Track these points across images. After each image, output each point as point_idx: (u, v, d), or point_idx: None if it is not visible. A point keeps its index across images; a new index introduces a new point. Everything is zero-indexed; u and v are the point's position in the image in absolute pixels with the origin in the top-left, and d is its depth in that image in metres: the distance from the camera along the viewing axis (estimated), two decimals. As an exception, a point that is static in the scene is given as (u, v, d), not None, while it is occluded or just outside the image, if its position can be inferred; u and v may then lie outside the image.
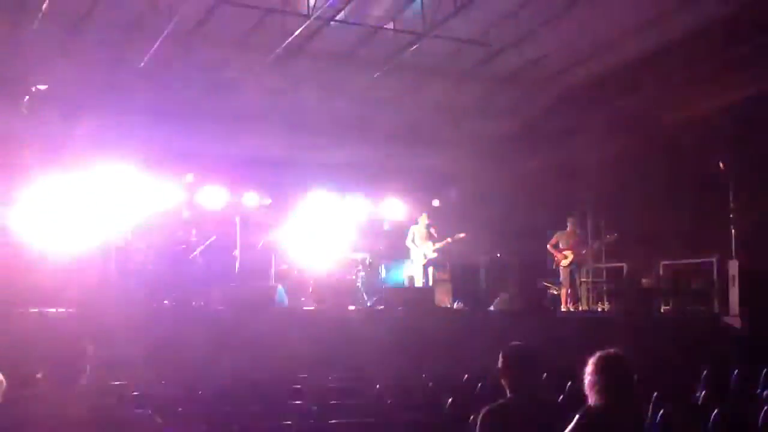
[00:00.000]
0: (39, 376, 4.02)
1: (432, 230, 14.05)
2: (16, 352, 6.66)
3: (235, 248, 13.31)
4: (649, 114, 14.92)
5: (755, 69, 13.18)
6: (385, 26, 13.68)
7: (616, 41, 14.52)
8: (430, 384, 7.85)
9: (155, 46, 12.86)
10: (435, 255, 13.99)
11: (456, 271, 15.34)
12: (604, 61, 15.38)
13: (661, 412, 5.66)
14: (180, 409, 6.12)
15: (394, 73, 15.10)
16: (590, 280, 15.24)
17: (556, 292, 14.41)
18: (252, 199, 15.01)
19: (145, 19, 12.79)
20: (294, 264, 13.63)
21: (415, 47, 13.83)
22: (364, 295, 13.50)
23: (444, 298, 14.21)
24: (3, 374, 3.83)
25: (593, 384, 3.99)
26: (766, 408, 5.59)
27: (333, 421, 5.95)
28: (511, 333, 5.68)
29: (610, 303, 14.89)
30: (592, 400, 3.99)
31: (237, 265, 13.24)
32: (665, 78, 14.42)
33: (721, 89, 13.76)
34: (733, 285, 12.32)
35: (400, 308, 12.04)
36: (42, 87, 12.93)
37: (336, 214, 15.14)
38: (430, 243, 13.91)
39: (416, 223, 14.24)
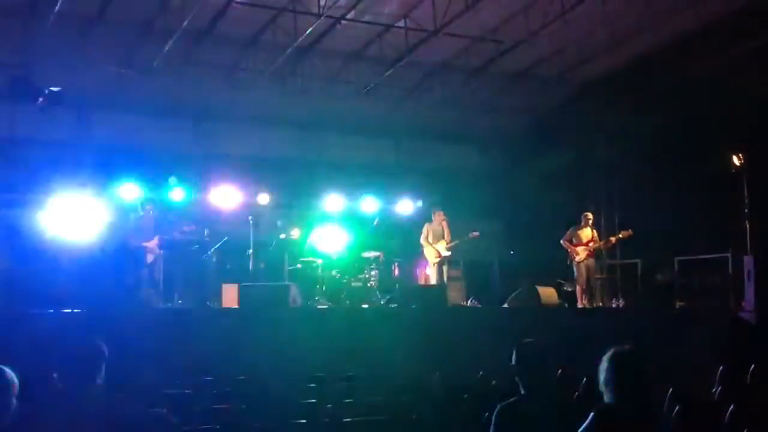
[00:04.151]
0: (55, 376, 4.04)
1: (446, 228, 14.01)
2: (32, 352, 6.71)
3: (249, 248, 13.34)
4: (662, 109, 14.84)
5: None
6: (396, 24, 13.68)
7: (630, 35, 14.48)
8: (445, 382, 7.84)
9: (167, 46, 12.90)
10: (449, 253, 13.95)
11: (469, 268, 15.29)
12: (617, 57, 15.32)
13: (677, 408, 5.63)
14: (195, 408, 6.14)
15: (406, 71, 15.09)
16: (605, 276, 15.17)
17: (570, 289, 14.34)
18: (265, 198, 15.02)
19: (157, 20, 12.84)
20: (307, 263, 13.63)
21: (426, 45, 13.81)
22: (378, 293, 13.49)
23: (458, 296, 14.17)
24: (19, 374, 3.85)
25: (608, 381, 3.97)
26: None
27: (348, 419, 5.95)
28: (525, 330, 5.67)
29: (624, 299, 14.82)
30: (606, 397, 3.97)
31: (251, 264, 13.27)
32: (680, 73, 14.34)
33: (737, 84, 13.66)
34: (749, 280, 12.25)
35: (413, 306, 12.02)
36: (55, 89, 12.99)
37: (349, 212, 15.11)
38: (444, 241, 13.87)
39: (430, 221, 14.20)
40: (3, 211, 12.41)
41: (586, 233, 13.78)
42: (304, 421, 5.95)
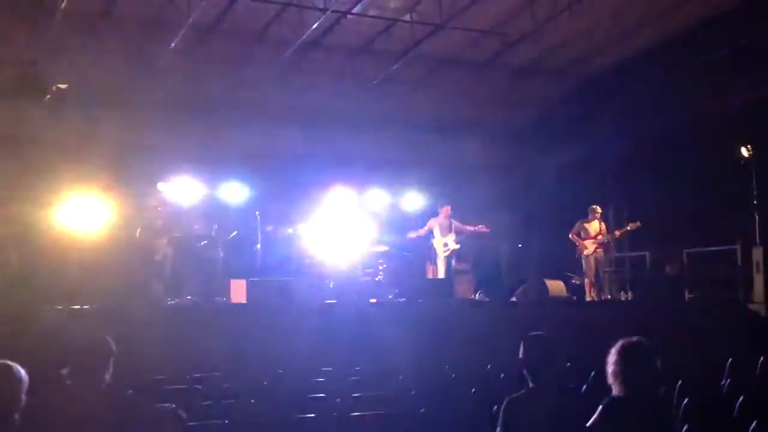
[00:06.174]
0: (64, 372, 4.05)
1: (453, 222, 14.00)
2: (41, 348, 6.73)
3: (257, 243, 13.36)
4: (671, 102, 14.79)
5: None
6: (402, 18, 13.65)
7: (635, 28, 14.41)
8: (453, 375, 7.84)
9: (174, 42, 12.91)
10: (458, 246, 13.93)
11: (477, 262, 15.27)
12: (623, 49, 15.25)
13: (686, 400, 5.62)
14: (203, 403, 6.15)
15: (412, 65, 15.06)
16: (613, 269, 15.13)
17: (578, 282, 14.32)
18: (272, 193, 15.00)
19: (163, 16, 12.85)
20: (315, 258, 13.64)
21: (432, 38, 13.78)
22: (386, 287, 13.49)
23: (465, 290, 14.15)
24: (28, 371, 3.87)
25: (617, 373, 3.96)
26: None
27: (356, 413, 5.96)
28: (533, 323, 5.65)
29: (633, 292, 14.79)
30: (615, 389, 3.96)
31: (258, 259, 13.29)
32: (688, 64, 14.28)
33: (745, 75, 13.60)
34: (758, 272, 12.22)
35: (421, 300, 12.02)
36: (63, 86, 13.02)
37: (356, 207, 15.11)
38: (452, 235, 13.86)
39: (437, 215, 14.19)
40: (11, 209, 12.45)
41: (594, 226, 13.75)
42: (312, 415, 5.95)
